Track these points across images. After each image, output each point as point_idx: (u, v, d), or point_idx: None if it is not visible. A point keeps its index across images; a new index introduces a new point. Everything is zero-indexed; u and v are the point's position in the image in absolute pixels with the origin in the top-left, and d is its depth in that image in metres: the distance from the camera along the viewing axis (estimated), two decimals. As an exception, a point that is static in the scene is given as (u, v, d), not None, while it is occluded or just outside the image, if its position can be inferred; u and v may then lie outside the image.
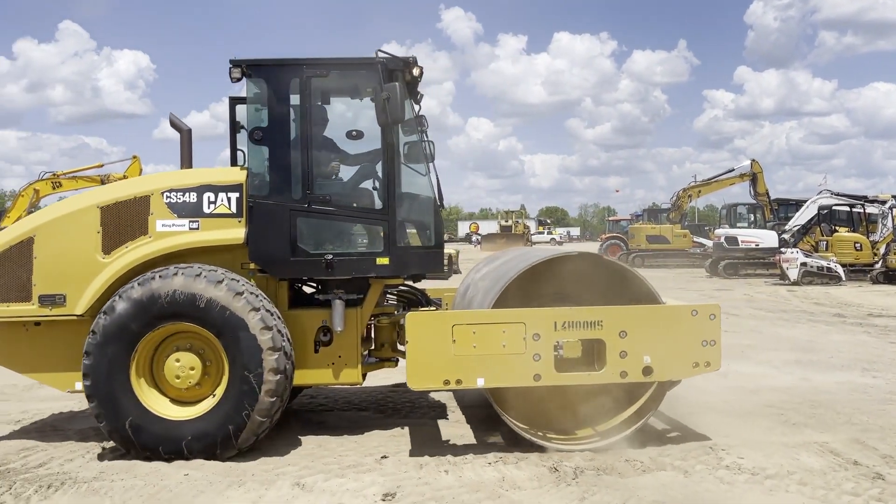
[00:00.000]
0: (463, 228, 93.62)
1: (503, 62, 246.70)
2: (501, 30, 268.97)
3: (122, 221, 5.59)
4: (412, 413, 6.71)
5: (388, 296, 6.42)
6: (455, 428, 6.15)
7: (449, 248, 31.88)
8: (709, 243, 30.30)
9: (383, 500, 4.46)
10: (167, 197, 5.62)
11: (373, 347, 6.13)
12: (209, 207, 5.64)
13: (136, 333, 5.21)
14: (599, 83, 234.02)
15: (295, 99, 5.74)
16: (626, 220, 40.36)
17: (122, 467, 5.09)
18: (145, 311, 5.19)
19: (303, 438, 5.86)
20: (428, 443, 5.70)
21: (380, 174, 5.84)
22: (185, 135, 6.30)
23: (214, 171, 5.98)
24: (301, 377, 5.64)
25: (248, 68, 5.68)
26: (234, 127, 6.24)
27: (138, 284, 5.26)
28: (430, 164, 6.26)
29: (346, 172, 6.18)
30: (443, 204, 6.24)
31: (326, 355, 5.70)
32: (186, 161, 6.25)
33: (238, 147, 6.27)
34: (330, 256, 5.61)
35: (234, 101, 6.19)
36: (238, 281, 5.35)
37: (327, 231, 5.81)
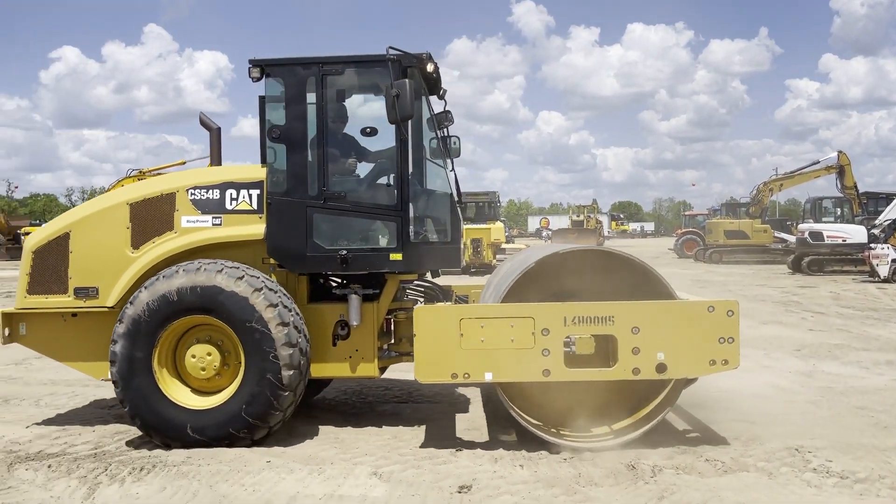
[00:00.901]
0: (533, 223, 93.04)
1: (575, 55, 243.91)
2: (573, 22, 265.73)
3: (150, 218, 5.84)
4: (486, 406, 6.73)
5: (408, 291, 6.47)
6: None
7: (519, 244, 31.79)
8: (791, 239, 29.21)
9: (459, 492, 4.49)
10: (191, 194, 5.84)
11: (392, 342, 6.13)
12: (231, 204, 5.83)
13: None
14: (674, 74, 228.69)
15: (311, 97, 5.82)
16: (702, 214, 39.32)
17: (208, 453, 5.29)
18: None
19: (378, 430, 5.97)
20: (502, 437, 5.71)
21: (394, 171, 5.86)
22: (215, 133, 6.49)
23: (237, 168, 6.15)
24: (319, 370, 5.77)
25: (267, 67, 5.80)
26: (264, 125, 6.36)
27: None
28: (450, 160, 6.29)
29: (365, 169, 6.23)
30: (461, 199, 6.25)
31: (344, 349, 5.80)
32: (216, 158, 6.43)
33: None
34: (344, 252, 5.69)
35: (265, 100, 6.32)
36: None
37: (342, 227, 5.87)
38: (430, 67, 5.83)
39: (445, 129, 6.60)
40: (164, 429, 5.41)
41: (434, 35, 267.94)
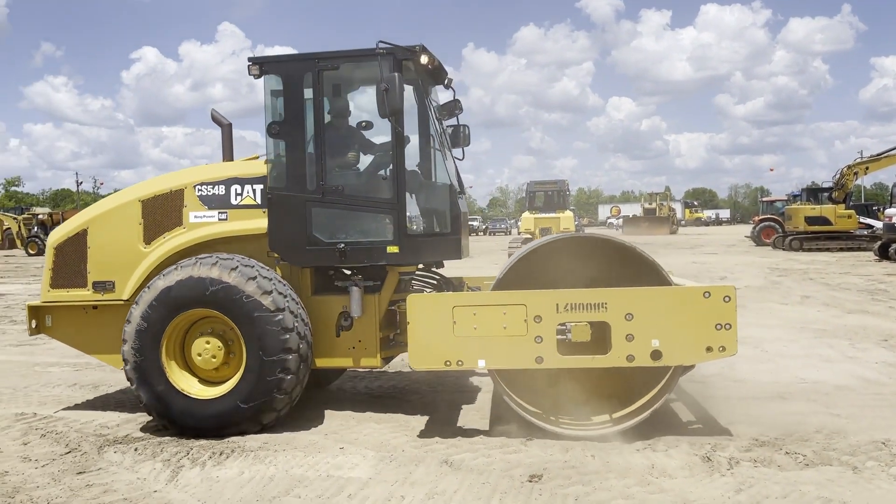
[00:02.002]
0: (603, 212, 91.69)
1: (645, 39, 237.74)
2: (644, 5, 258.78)
3: (160, 214, 6.05)
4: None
5: (414, 282, 6.47)
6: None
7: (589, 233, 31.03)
8: (878, 224, 27.82)
9: (530, 481, 4.48)
10: (199, 190, 6.01)
11: (398, 332, 6.08)
12: (236, 199, 5.98)
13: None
14: (751, 55, 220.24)
15: (308, 92, 5.86)
16: (781, 200, 37.81)
17: (283, 439, 5.44)
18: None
19: (450, 418, 6.00)
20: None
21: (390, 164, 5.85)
22: (226, 129, 6.59)
23: (242, 164, 6.25)
24: (324, 360, 5.89)
25: (265, 65, 5.88)
26: None
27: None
28: (460, 150, 6.25)
29: (366, 162, 6.23)
30: (463, 190, 6.19)
31: (347, 340, 5.87)
32: (227, 154, 6.56)
33: None
34: (342, 245, 5.76)
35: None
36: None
37: (340, 220, 5.90)
38: (423, 60, 5.80)
39: (456, 118, 6.62)
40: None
41: (500, 24, 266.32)
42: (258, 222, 5.91)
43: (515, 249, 24.64)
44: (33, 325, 6.30)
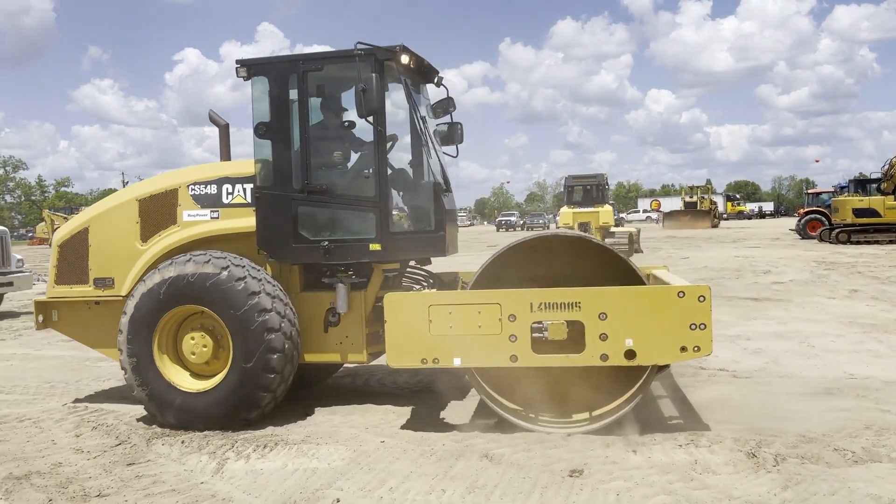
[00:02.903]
0: (643, 206, 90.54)
1: (685, 30, 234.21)
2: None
3: (156, 212, 6.24)
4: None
5: (404, 279, 6.55)
6: (641, 408, 5.99)
7: (629, 227, 31.00)
8: (929, 216, 26.92)
9: (570, 476, 4.47)
10: (192, 189, 6.18)
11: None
12: (227, 198, 6.13)
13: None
14: (795, 45, 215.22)
15: (293, 93, 5.95)
16: (827, 192, 36.85)
17: (325, 432, 5.52)
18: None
19: (489, 412, 5.99)
20: (611, 422, 5.61)
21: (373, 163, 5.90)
22: (223, 129, 6.72)
23: (233, 164, 6.38)
24: (312, 355, 6.01)
25: (253, 67, 5.99)
26: None
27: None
28: (434, 149, 6.31)
29: (358, 161, 6.27)
30: (449, 188, 6.22)
31: (334, 335, 5.98)
32: (225, 154, 6.69)
33: None
34: (326, 243, 5.84)
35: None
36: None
37: (325, 218, 6.00)
38: (404, 59, 5.85)
39: (450, 116, 6.69)
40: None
41: (537, 18, 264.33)
42: (248, 220, 6.05)
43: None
44: (40, 320, 6.59)
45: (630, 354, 5.00)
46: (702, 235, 38.17)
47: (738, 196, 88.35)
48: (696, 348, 4.93)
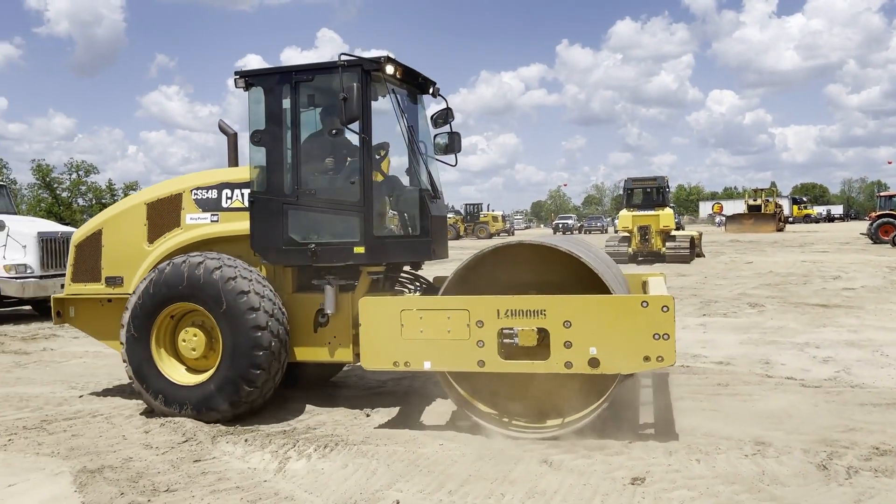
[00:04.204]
0: (705, 209, 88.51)
1: (749, 28, 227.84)
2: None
3: (162, 215, 6.61)
4: (658, 400, 6.52)
5: (396, 283, 6.73)
6: (705, 416, 5.87)
7: (691, 231, 30.24)
8: None
9: (632, 484, 4.40)
10: (195, 194, 6.52)
11: None
12: (226, 202, 6.45)
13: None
14: (866, 42, 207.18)
15: (286, 103, 6.18)
16: (901, 194, 35.38)
17: (384, 434, 5.56)
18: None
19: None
20: (672, 429, 5.51)
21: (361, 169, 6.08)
22: (232, 138, 7.02)
23: (233, 170, 6.68)
24: (302, 353, 6.25)
25: (250, 78, 6.25)
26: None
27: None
28: (422, 157, 6.57)
29: (346, 168, 6.40)
30: (437, 194, 6.54)
31: (323, 335, 6.19)
32: (232, 161, 6.97)
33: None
34: (313, 246, 6.06)
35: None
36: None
37: (313, 222, 6.19)
38: (389, 70, 6.06)
39: (449, 126, 6.91)
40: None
41: (595, 19, 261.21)
42: (245, 224, 6.29)
43: (612, 248, 24.21)
44: (58, 315, 7.02)
45: (594, 363, 5.01)
46: (766, 239, 37.10)
47: (804, 199, 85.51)
48: (659, 358, 4.90)
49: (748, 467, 4.60)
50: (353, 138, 6.09)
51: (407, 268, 6.87)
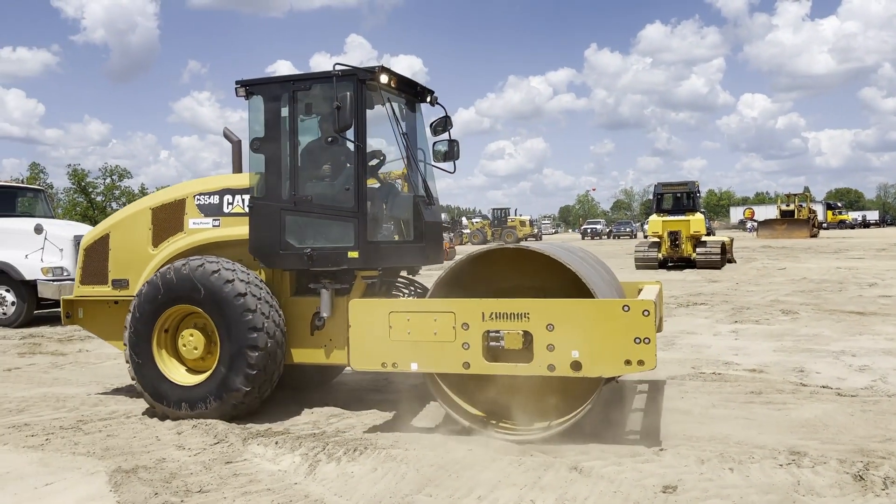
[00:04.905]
0: (736, 214, 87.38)
1: (782, 31, 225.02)
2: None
3: (166, 220, 6.79)
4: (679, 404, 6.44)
5: (394, 288, 6.83)
6: (738, 425, 5.79)
7: (723, 236, 29.95)
8: None
9: (663, 492, 4.35)
10: (197, 199, 6.70)
11: None
12: (228, 208, 6.62)
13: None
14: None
15: (285, 111, 6.32)
16: (940, 200, 34.61)
17: (413, 438, 5.57)
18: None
19: (580, 424, 5.91)
20: (705, 437, 5.45)
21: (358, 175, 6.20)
22: (236, 146, 7.19)
23: (234, 176, 6.84)
24: (299, 356, 6.40)
25: (250, 87, 6.40)
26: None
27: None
28: (417, 164, 6.76)
29: (342, 175, 6.50)
30: (432, 200, 6.76)
31: (320, 338, 6.34)
32: (236, 168, 7.13)
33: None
34: (309, 250, 6.16)
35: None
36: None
37: (309, 228, 6.30)
38: (384, 79, 6.19)
39: (448, 133, 7.04)
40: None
41: (624, 23, 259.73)
42: (245, 229, 6.42)
43: (641, 253, 24.00)
44: (67, 316, 7.24)
45: (576, 366, 5.03)
46: (800, 245, 36.51)
47: (839, 204, 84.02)
48: (639, 362, 4.91)
49: (783, 477, 4.53)
50: (349, 146, 6.22)
51: (404, 273, 6.98)
